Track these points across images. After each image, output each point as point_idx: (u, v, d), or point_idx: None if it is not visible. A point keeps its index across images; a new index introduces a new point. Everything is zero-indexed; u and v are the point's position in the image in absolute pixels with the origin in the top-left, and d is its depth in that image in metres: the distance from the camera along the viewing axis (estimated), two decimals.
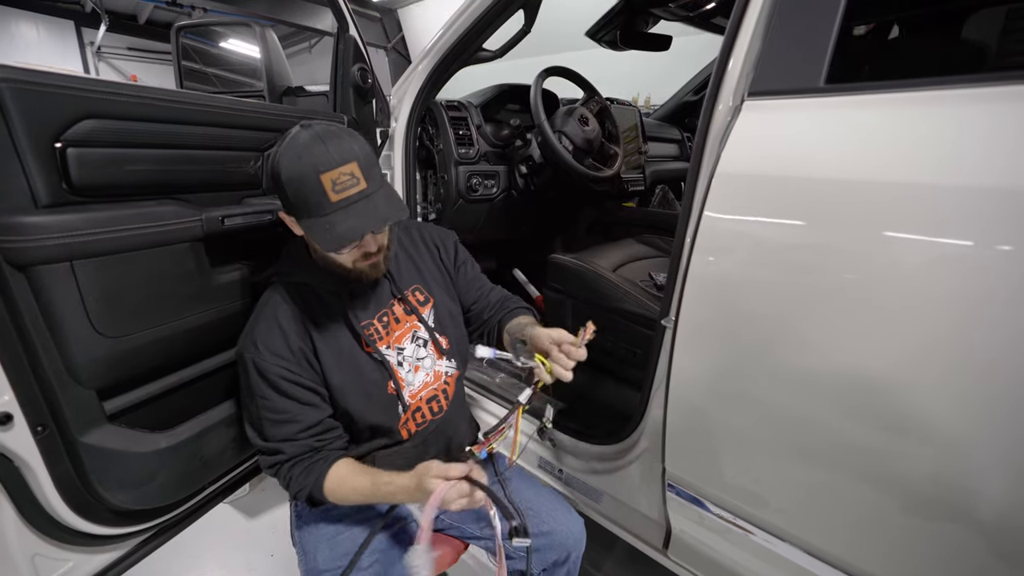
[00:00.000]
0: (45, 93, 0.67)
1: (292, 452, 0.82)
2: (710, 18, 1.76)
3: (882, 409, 0.62)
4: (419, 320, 0.94)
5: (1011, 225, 0.52)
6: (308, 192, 0.72)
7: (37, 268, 0.68)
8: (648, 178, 2.16)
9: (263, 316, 0.84)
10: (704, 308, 0.78)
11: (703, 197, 0.75)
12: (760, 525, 0.81)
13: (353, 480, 0.81)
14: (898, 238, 0.59)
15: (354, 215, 0.73)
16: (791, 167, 0.67)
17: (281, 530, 1.50)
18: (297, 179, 0.72)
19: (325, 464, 0.82)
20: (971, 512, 0.58)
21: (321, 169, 0.71)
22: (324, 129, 0.74)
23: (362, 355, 0.87)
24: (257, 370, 0.80)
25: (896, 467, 0.63)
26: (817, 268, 0.65)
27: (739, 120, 0.72)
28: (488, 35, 1.28)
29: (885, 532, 0.66)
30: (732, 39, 0.73)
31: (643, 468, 1.00)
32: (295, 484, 0.82)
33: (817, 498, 0.72)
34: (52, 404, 0.73)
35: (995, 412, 0.55)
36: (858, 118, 0.64)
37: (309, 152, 0.72)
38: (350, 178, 0.72)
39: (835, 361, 0.65)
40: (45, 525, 0.77)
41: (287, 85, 1.49)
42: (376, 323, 0.90)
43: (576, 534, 0.94)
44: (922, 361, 0.58)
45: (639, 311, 1.22)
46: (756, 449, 0.77)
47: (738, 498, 0.83)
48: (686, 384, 0.83)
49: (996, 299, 0.53)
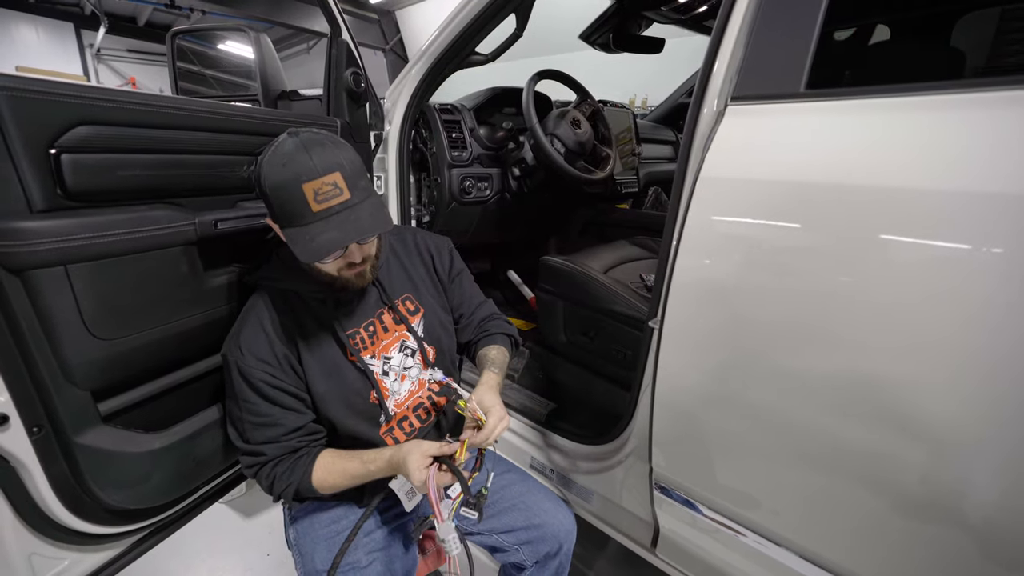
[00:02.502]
0: (39, 100, 0.68)
1: (273, 454, 0.83)
2: (702, 21, 1.78)
3: (865, 410, 0.63)
4: (408, 330, 0.94)
5: (990, 227, 0.52)
6: (290, 201, 0.71)
7: (32, 272, 0.69)
8: (642, 180, 2.17)
9: (249, 320, 0.84)
10: (688, 310, 0.79)
11: (688, 200, 0.76)
12: (747, 525, 0.82)
13: (343, 464, 0.82)
14: (879, 240, 0.59)
15: (335, 226, 0.72)
16: (772, 172, 0.68)
17: (277, 530, 1.51)
18: (280, 187, 0.72)
19: (308, 459, 0.83)
20: (959, 514, 0.59)
21: (304, 179, 0.70)
22: (309, 138, 0.74)
23: (346, 363, 0.87)
24: (241, 374, 0.81)
25: (884, 469, 0.63)
26: (798, 271, 0.66)
27: (722, 125, 0.73)
28: (481, 39, 1.29)
29: (873, 534, 0.67)
30: (717, 44, 0.74)
31: (631, 468, 1.01)
32: (279, 482, 0.82)
33: (800, 499, 0.73)
34: (48, 405, 0.74)
35: (990, 415, 0.55)
36: (837, 123, 0.64)
37: (293, 161, 0.71)
38: (332, 188, 0.71)
39: (816, 362, 0.66)
40: (41, 524, 0.78)
41: (281, 89, 1.50)
42: (362, 332, 0.90)
43: (567, 526, 0.96)
44: (903, 360, 0.59)
45: (628, 312, 1.23)
46: (739, 449, 0.78)
47: (724, 498, 0.84)
48: (671, 385, 0.84)
49: (975, 300, 0.53)
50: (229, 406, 0.87)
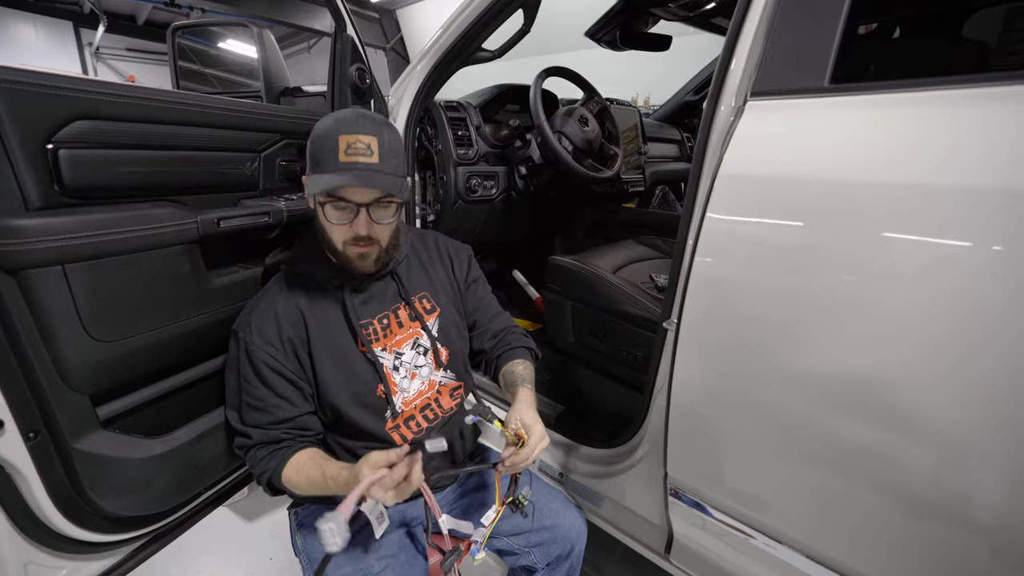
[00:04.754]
0: (36, 93, 0.66)
1: (259, 438, 0.84)
2: (710, 18, 1.76)
3: (891, 414, 0.61)
4: (423, 328, 0.94)
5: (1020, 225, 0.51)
6: (323, 148, 0.77)
7: (28, 272, 0.67)
8: (648, 179, 2.15)
9: (263, 300, 0.86)
10: (707, 310, 0.77)
11: (705, 199, 0.74)
12: (765, 531, 0.80)
13: (309, 470, 0.80)
14: (908, 241, 0.57)
15: (350, 175, 0.75)
16: (796, 168, 0.66)
17: (280, 534, 1.49)
18: (320, 136, 0.78)
19: (288, 452, 0.83)
20: (975, 516, 0.57)
21: (342, 131, 0.76)
22: (372, 113, 0.81)
23: (356, 353, 0.87)
24: (247, 352, 0.83)
25: (908, 474, 0.61)
26: (823, 271, 0.64)
27: (742, 121, 0.72)
28: (487, 35, 1.27)
29: (896, 541, 0.65)
30: (735, 39, 0.73)
31: (644, 472, 0.99)
32: (258, 467, 0.83)
33: (825, 503, 0.71)
34: (44, 410, 0.72)
35: (1010, 416, 0.53)
36: (865, 118, 0.63)
37: (341, 119, 0.78)
38: (365, 148, 0.76)
39: (842, 365, 0.64)
40: (38, 533, 0.76)
41: (284, 85, 1.48)
42: (375, 323, 0.90)
43: (578, 527, 0.96)
44: (934, 365, 0.57)
45: (640, 313, 1.21)
46: (762, 453, 0.76)
47: (743, 503, 0.82)
48: (688, 387, 0.82)
49: (1010, 301, 0.52)
50: (229, 382, 0.87)
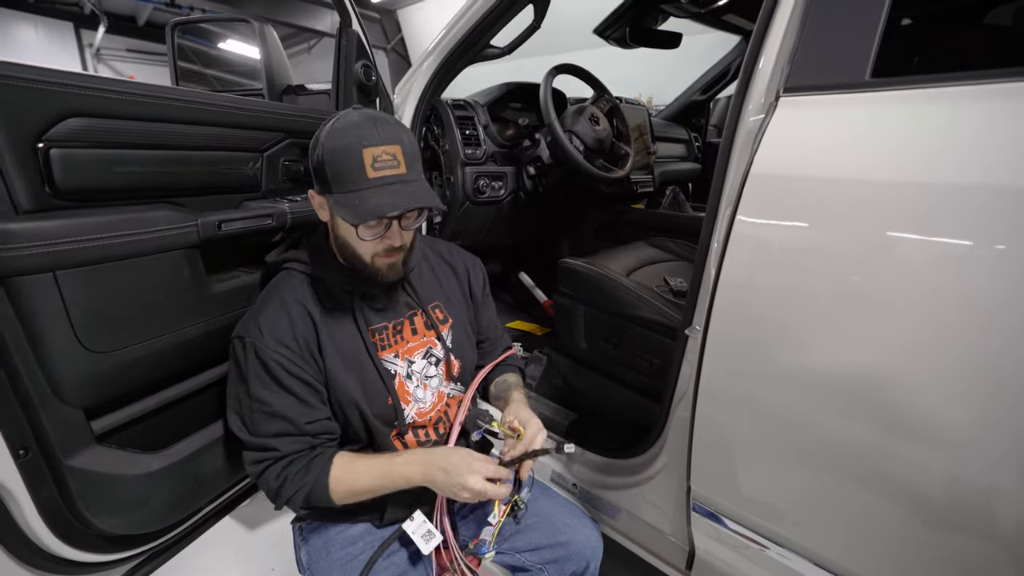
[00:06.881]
0: (26, 88, 0.62)
1: (288, 449, 0.77)
2: (721, 15, 1.73)
3: (936, 427, 0.57)
4: (438, 337, 0.91)
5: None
6: (347, 165, 0.72)
7: (16, 279, 0.63)
8: (656, 179, 2.11)
9: (271, 301, 0.80)
10: (737, 318, 0.73)
11: (735, 200, 0.70)
12: (801, 551, 0.75)
13: (364, 461, 0.79)
14: (958, 245, 0.54)
15: (388, 194, 0.72)
16: (836, 168, 0.63)
17: (282, 543, 1.45)
18: (339, 150, 0.72)
19: (325, 458, 0.78)
20: (1009, 527, 0.54)
21: (365, 143, 0.72)
22: (376, 112, 0.77)
23: (367, 359, 0.83)
24: (258, 356, 0.76)
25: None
26: (865, 277, 0.60)
27: (774, 119, 0.68)
28: (496, 31, 1.24)
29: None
30: (763, 33, 0.69)
31: (664, 484, 0.96)
32: (290, 484, 0.76)
33: (866, 518, 0.67)
34: (35, 425, 0.69)
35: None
36: (912, 114, 0.59)
37: (358, 128, 0.73)
38: (392, 159, 0.72)
39: (884, 376, 0.60)
40: (28, 554, 0.72)
41: (287, 83, 1.44)
42: (389, 329, 0.87)
43: (594, 543, 0.92)
44: (997, 376, 0.54)
45: (657, 318, 1.17)
46: (796, 468, 0.72)
47: (772, 520, 0.78)
48: (716, 398, 0.78)
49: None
50: (236, 393, 0.80)
